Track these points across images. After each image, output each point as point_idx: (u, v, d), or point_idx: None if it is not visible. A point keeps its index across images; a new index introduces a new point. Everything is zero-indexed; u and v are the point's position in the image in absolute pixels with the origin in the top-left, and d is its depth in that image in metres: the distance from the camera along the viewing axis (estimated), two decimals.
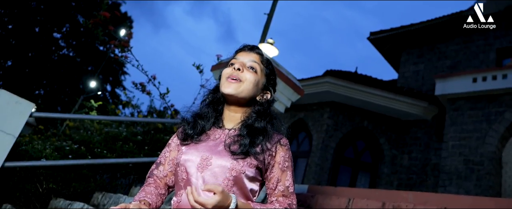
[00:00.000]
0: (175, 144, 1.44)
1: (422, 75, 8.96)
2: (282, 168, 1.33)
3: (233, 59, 1.41)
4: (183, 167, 1.31)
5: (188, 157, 1.31)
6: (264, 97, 1.42)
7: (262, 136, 1.32)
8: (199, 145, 1.35)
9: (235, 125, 1.38)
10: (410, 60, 9.33)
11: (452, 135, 7.37)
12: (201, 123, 1.38)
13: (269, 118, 1.37)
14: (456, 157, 7.24)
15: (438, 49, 8.89)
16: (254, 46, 1.44)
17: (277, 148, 1.34)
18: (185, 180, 1.29)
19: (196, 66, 6.10)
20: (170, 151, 1.44)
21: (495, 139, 6.79)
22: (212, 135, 1.37)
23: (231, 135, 1.35)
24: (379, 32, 9.46)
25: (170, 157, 1.42)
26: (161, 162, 1.45)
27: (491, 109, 6.91)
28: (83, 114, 6.39)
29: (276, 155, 1.33)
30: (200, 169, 1.28)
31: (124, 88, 20.08)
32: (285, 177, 1.33)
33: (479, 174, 6.82)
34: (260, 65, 1.40)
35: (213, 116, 1.40)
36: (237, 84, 1.33)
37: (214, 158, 1.29)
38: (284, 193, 1.31)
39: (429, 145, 8.37)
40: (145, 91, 6.25)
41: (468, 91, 7.15)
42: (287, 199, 1.32)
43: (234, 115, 1.40)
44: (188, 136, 1.37)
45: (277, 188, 1.32)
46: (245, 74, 1.35)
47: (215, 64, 5.23)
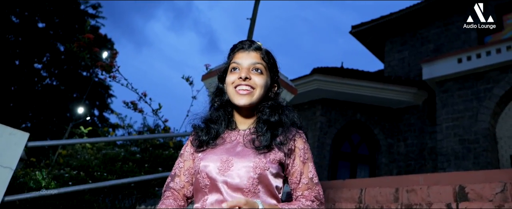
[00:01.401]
0: (189, 153, 1.41)
1: (408, 62, 9.08)
2: (303, 160, 1.32)
3: (232, 62, 1.37)
4: (203, 173, 1.28)
5: (207, 162, 1.29)
6: (273, 91, 1.41)
7: (281, 128, 1.32)
8: (216, 149, 1.33)
9: (249, 125, 1.37)
10: (394, 49, 9.45)
11: (444, 117, 7.46)
12: (215, 128, 1.36)
13: (281, 110, 1.36)
14: (451, 138, 7.33)
15: (420, 35, 9.03)
16: (251, 43, 1.39)
17: (296, 141, 1.33)
18: (209, 185, 1.27)
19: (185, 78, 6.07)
20: (184, 161, 1.41)
21: (487, 115, 6.90)
22: (228, 138, 1.35)
23: (248, 134, 1.34)
24: (361, 25, 9.57)
25: (185, 167, 1.40)
26: (176, 173, 1.41)
27: (479, 87, 7.02)
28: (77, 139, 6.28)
29: (296, 148, 1.33)
30: (222, 172, 1.26)
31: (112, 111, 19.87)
32: (308, 169, 1.32)
33: (476, 152, 6.91)
34: (263, 63, 1.37)
35: (225, 119, 1.38)
36: (249, 95, 1.31)
37: (235, 160, 1.27)
38: (308, 185, 1.30)
39: (423, 130, 8.45)
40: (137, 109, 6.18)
41: (455, 72, 7.26)
42: (312, 191, 1.31)
43: (246, 116, 1.38)
44: (203, 142, 1.34)
45: (301, 181, 1.30)
46: (254, 80, 1.33)
47: (205, 73, 5.22)
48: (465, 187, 2.04)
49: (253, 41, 1.42)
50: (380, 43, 9.96)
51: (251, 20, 6.59)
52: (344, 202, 2.35)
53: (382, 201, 2.39)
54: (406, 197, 2.29)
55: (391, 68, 9.40)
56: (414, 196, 2.26)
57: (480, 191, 1.97)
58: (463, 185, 2.06)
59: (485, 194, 1.94)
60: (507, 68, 6.72)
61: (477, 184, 2.01)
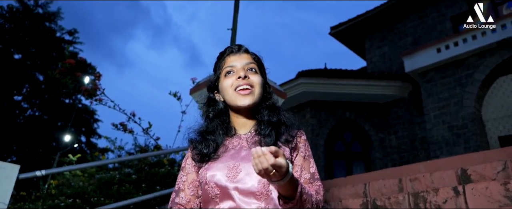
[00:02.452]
0: (190, 165, 1.38)
1: (389, 56, 9.24)
2: (304, 157, 1.32)
3: (226, 67, 1.37)
4: (212, 183, 1.26)
5: (214, 172, 1.27)
6: (267, 93, 1.41)
7: (284, 126, 1.32)
8: (221, 157, 1.31)
9: (249, 128, 1.36)
10: (374, 45, 9.61)
11: (431, 106, 7.60)
12: (212, 138, 1.34)
13: (278, 110, 1.37)
14: (440, 126, 7.45)
15: (397, 29, 9.21)
16: (241, 46, 1.41)
17: (298, 138, 1.34)
18: (220, 194, 1.25)
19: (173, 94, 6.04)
20: (187, 175, 1.38)
21: (471, 100, 7.05)
22: (230, 144, 1.34)
23: (251, 137, 1.33)
24: (339, 26, 9.71)
25: (189, 181, 1.37)
26: (180, 188, 1.39)
27: (460, 74, 7.19)
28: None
29: (298, 146, 1.33)
30: (231, 179, 1.25)
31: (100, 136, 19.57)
32: (309, 165, 1.32)
33: (465, 137, 7.04)
34: (255, 64, 1.38)
35: (222, 128, 1.37)
36: (251, 94, 1.31)
37: (242, 165, 1.26)
38: (310, 180, 1.29)
39: (412, 121, 8.58)
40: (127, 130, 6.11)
41: (435, 62, 7.42)
42: (313, 186, 1.30)
43: (244, 121, 1.37)
44: (205, 155, 1.32)
45: (303, 176, 1.29)
46: (253, 79, 1.33)
47: (193, 87, 5.20)
48: (466, 170, 2.08)
49: (240, 44, 1.43)
50: (360, 41, 10.12)
51: (232, 30, 6.62)
52: (350, 198, 2.37)
53: (387, 193, 2.41)
54: (410, 186, 2.32)
55: (373, 65, 9.55)
56: (418, 184, 2.29)
57: (482, 171, 2.01)
58: (465, 168, 2.09)
59: (487, 174, 1.98)
60: (484, 53, 6.91)
61: (478, 165, 2.05)
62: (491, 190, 1.65)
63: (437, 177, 2.20)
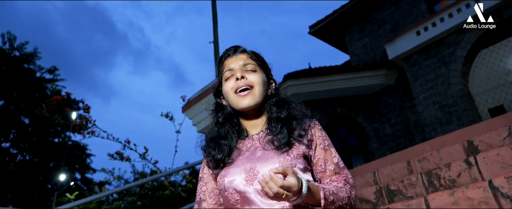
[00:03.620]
0: (208, 174, 1.37)
1: (370, 47, 9.35)
2: (324, 148, 1.30)
3: (225, 72, 1.37)
4: (231, 189, 1.24)
5: (232, 177, 1.25)
6: (272, 88, 1.40)
7: (295, 121, 1.31)
8: (236, 161, 1.30)
9: (261, 127, 1.35)
10: (354, 38, 9.72)
11: (419, 89, 7.69)
12: (226, 143, 1.33)
13: (287, 104, 1.36)
14: (431, 107, 7.54)
15: (374, 19, 9.35)
16: (236, 47, 1.41)
17: (312, 130, 1.32)
18: (241, 199, 1.23)
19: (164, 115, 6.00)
20: (206, 184, 1.37)
21: (457, 77, 7.16)
22: (243, 147, 1.32)
23: (263, 136, 1.32)
24: (317, 24, 9.81)
25: (209, 190, 1.35)
26: (202, 198, 1.37)
27: (443, 53, 7.31)
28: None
29: (314, 137, 1.31)
30: (249, 182, 1.23)
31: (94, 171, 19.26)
32: (331, 155, 1.30)
33: (457, 114, 7.13)
34: (253, 62, 1.37)
35: (234, 131, 1.35)
36: (251, 94, 1.30)
37: (258, 166, 1.24)
38: (335, 170, 1.28)
39: (403, 107, 8.66)
40: (123, 158, 6.04)
41: (417, 45, 7.53)
42: (340, 175, 1.28)
43: (254, 121, 1.36)
44: (220, 161, 1.30)
45: (327, 168, 1.28)
46: (251, 78, 1.32)
47: (185, 105, 5.18)
48: (473, 141, 2.10)
49: (237, 46, 1.43)
50: (340, 36, 10.23)
51: (214, 43, 6.64)
52: (362, 188, 2.36)
53: (397, 177, 2.41)
54: (419, 167, 2.33)
55: (356, 57, 9.65)
56: (427, 163, 2.30)
57: (488, 140, 2.03)
58: (470, 140, 2.11)
59: (494, 142, 2.00)
60: (462, 29, 7.04)
61: (483, 134, 2.07)
62: (502, 156, 1.66)
63: (445, 153, 2.21)
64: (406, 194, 2.02)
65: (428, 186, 1.94)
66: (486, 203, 1.38)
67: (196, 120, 4.86)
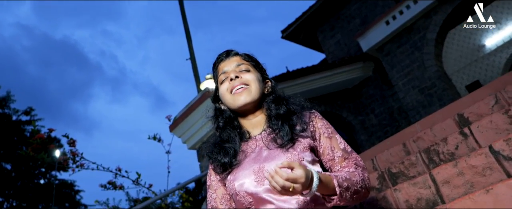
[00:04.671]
0: (216, 180, 1.37)
1: (344, 42, 9.52)
2: (328, 136, 1.31)
3: (219, 75, 1.39)
4: (242, 193, 1.23)
5: (241, 180, 1.25)
6: (268, 87, 1.42)
7: (294, 116, 1.32)
8: (242, 164, 1.29)
9: (262, 127, 1.36)
10: (327, 36, 9.89)
11: (397, 76, 7.86)
12: (230, 146, 1.33)
13: (285, 100, 1.37)
14: (411, 91, 7.71)
15: (343, 15, 9.54)
16: (229, 52, 1.43)
17: (313, 121, 1.34)
18: (254, 201, 1.22)
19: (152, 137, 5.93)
20: (215, 191, 1.36)
21: (431, 60, 7.37)
22: (248, 149, 1.32)
23: (266, 135, 1.32)
24: (288, 27, 9.94)
25: (219, 196, 1.34)
26: (213, 206, 1.36)
27: (414, 38, 7.51)
28: None
29: (316, 128, 1.32)
30: (260, 183, 1.23)
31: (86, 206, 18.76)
32: (337, 142, 1.32)
33: (437, 95, 7.32)
34: (247, 63, 1.39)
35: (236, 134, 1.36)
36: (246, 90, 1.31)
37: (266, 165, 1.24)
38: (344, 156, 1.29)
39: (384, 96, 8.82)
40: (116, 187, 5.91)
41: (388, 34, 7.72)
42: (350, 160, 1.29)
43: (254, 120, 1.37)
44: (226, 164, 1.30)
45: (335, 155, 1.28)
46: (245, 76, 1.34)
47: (171, 124, 5.13)
48: (462, 114, 2.16)
49: (229, 50, 1.45)
50: (313, 36, 10.39)
51: (191, 60, 6.64)
52: None
53: (396, 160, 2.45)
54: (415, 147, 2.38)
55: (332, 54, 9.80)
56: (423, 142, 2.35)
57: (477, 110, 2.10)
58: (460, 113, 2.18)
59: (483, 111, 2.06)
60: (429, 13, 7.27)
61: (471, 106, 2.13)
62: (495, 122, 1.72)
63: (438, 129, 2.27)
64: (408, 175, 2.06)
65: (429, 163, 1.98)
66: (490, 168, 1.42)
67: (185, 137, 4.82)
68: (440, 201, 1.59)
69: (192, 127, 4.58)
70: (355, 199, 1.19)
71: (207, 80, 5.17)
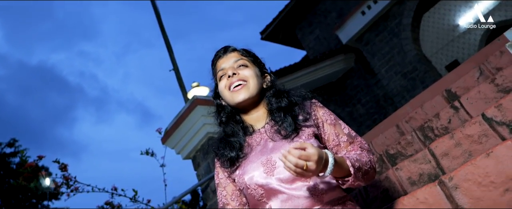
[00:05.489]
0: (224, 178, 1.38)
1: (323, 37, 9.63)
2: (331, 123, 1.34)
3: (217, 72, 1.40)
4: (253, 185, 1.25)
5: (250, 174, 1.26)
6: (268, 81, 1.43)
7: (296, 107, 1.34)
8: (249, 157, 1.31)
9: (264, 120, 1.37)
10: (305, 33, 9.99)
11: (379, 64, 7.99)
12: (236, 140, 1.34)
13: (286, 92, 1.39)
14: (394, 77, 7.85)
15: (319, 10, 9.65)
16: (227, 48, 1.44)
17: (315, 109, 1.36)
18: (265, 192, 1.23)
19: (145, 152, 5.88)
20: (224, 188, 1.37)
21: (410, 44, 7.52)
22: (253, 142, 1.34)
23: (270, 128, 1.34)
24: (266, 28, 10.01)
25: (230, 193, 1.35)
26: (224, 203, 1.36)
27: (391, 25, 7.66)
28: None
29: (318, 116, 1.34)
30: (269, 173, 1.24)
31: None
32: (340, 127, 1.34)
33: (419, 78, 7.46)
34: (245, 58, 1.41)
35: (239, 128, 1.37)
36: (244, 87, 1.33)
37: (274, 156, 1.25)
38: (349, 140, 1.31)
39: (369, 84, 8.95)
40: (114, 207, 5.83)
41: (365, 24, 7.85)
42: (355, 144, 1.31)
43: (256, 115, 1.38)
44: (233, 158, 1.32)
45: (340, 140, 1.30)
46: (243, 73, 1.35)
47: (163, 136, 5.09)
48: (450, 89, 2.22)
49: (227, 46, 1.46)
50: (292, 35, 10.47)
51: (174, 70, 6.62)
52: None
53: (391, 142, 2.50)
54: (409, 127, 2.43)
55: (312, 50, 9.89)
56: (415, 122, 2.40)
57: (463, 84, 2.16)
58: (448, 88, 2.24)
59: (470, 84, 2.13)
60: None
61: (457, 81, 2.20)
62: (484, 92, 1.78)
63: (428, 107, 2.32)
64: (406, 154, 2.10)
65: (425, 140, 2.03)
66: (486, 136, 1.47)
67: (179, 147, 4.79)
68: (442, 173, 1.63)
69: (185, 136, 4.55)
70: (366, 179, 1.22)
71: (194, 88, 5.16)
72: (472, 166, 1.18)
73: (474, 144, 1.50)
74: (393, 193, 1.78)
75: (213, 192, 4.49)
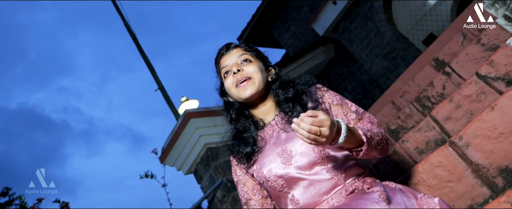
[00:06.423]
0: (243, 174, 1.39)
1: (299, 33, 9.72)
2: (338, 103, 1.35)
3: (222, 69, 1.41)
4: (273, 177, 1.26)
5: (268, 166, 1.28)
6: (272, 74, 1.45)
7: (304, 96, 1.35)
8: (264, 151, 1.33)
9: (274, 113, 1.39)
10: (281, 31, 10.08)
11: (358, 50, 8.12)
12: (248, 135, 1.36)
13: (291, 83, 1.40)
14: (375, 59, 7.98)
15: (290, 7, 9.74)
16: (229, 45, 1.45)
17: (321, 95, 1.37)
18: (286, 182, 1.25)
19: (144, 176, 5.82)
20: (244, 184, 1.38)
21: (385, 26, 7.66)
22: (266, 135, 1.35)
23: (280, 120, 1.35)
24: (242, 33, 10.06)
25: (251, 187, 1.37)
26: (247, 198, 1.38)
27: (363, 10, 7.80)
28: None
29: (325, 99, 1.36)
30: (287, 163, 1.25)
31: None
32: (348, 106, 1.35)
33: (400, 56, 7.60)
34: (248, 54, 1.41)
35: (250, 123, 1.39)
36: (250, 83, 1.33)
37: (288, 146, 1.27)
38: (358, 117, 1.32)
39: (352, 71, 9.06)
40: None
41: (338, 13, 7.97)
42: (364, 120, 1.33)
43: (264, 108, 1.40)
44: (249, 153, 1.33)
45: (349, 118, 1.31)
46: (247, 69, 1.36)
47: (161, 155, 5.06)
48: (437, 57, 2.28)
49: (229, 43, 1.47)
50: (268, 35, 10.55)
51: (160, 89, 6.59)
52: None
53: (391, 119, 2.54)
54: (404, 100, 2.48)
55: (291, 47, 9.98)
56: (410, 95, 2.45)
57: (449, 51, 2.22)
58: (435, 57, 2.29)
59: (455, 49, 2.19)
60: None
61: (443, 48, 2.25)
62: (472, 54, 1.83)
63: (419, 79, 2.38)
64: (407, 126, 2.14)
65: (423, 110, 2.08)
66: (483, 93, 1.51)
67: (179, 164, 4.76)
68: (447, 137, 1.67)
69: (183, 152, 4.53)
70: (380, 150, 1.24)
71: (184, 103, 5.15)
72: (479, 121, 1.22)
73: (473, 103, 1.54)
74: (404, 165, 1.82)
75: (220, 202, 4.48)
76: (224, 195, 4.33)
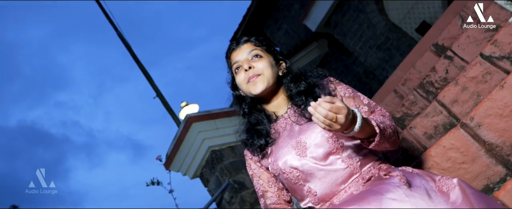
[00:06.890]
0: (257, 167, 1.41)
1: (291, 30, 9.73)
2: (350, 96, 1.35)
3: (233, 65, 1.41)
4: (288, 169, 1.27)
5: (283, 158, 1.29)
6: (283, 68, 1.44)
7: (316, 88, 1.35)
8: (278, 143, 1.34)
9: (286, 106, 1.40)
10: (273, 30, 10.08)
11: (352, 43, 8.13)
12: (262, 127, 1.37)
13: (303, 76, 1.40)
14: (370, 51, 7.99)
15: (281, 5, 9.74)
16: (238, 40, 1.45)
17: (333, 87, 1.37)
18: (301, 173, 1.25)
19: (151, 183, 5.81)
20: (259, 177, 1.40)
21: (377, 17, 7.67)
22: (279, 128, 1.37)
23: (293, 113, 1.36)
24: (235, 35, 10.04)
25: (266, 180, 1.39)
26: (263, 191, 1.39)
27: (354, 2, 7.81)
28: None
29: (337, 92, 1.36)
30: (302, 155, 1.26)
31: None
32: (360, 99, 1.36)
33: (394, 46, 7.61)
34: (258, 49, 1.41)
35: (263, 116, 1.40)
36: (261, 78, 1.33)
37: (302, 138, 1.28)
38: (370, 110, 1.33)
39: (347, 65, 9.07)
40: None
41: (329, 8, 7.97)
42: (376, 113, 1.33)
43: (276, 102, 1.40)
44: (263, 145, 1.35)
45: (361, 110, 1.31)
46: (258, 65, 1.36)
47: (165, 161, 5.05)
48: (437, 43, 2.29)
49: (239, 37, 1.47)
50: (261, 35, 10.54)
51: (158, 96, 6.58)
52: None
53: (395, 108, 2.54)
54: (406, 88, 2.48)
55: (284, 45, 9.98)
56: (412, 82, 2.45)
57: (448, 35, 2.22)
58: (434, 42, 2.30)
59: (455, 33, 2.19)
60: None
61: (442, 33, 2.26)
62: (473, 36, 1.84)
63: (420, 65, 2.38)
64: (413, 114, 2.15)
65: (427, 95, 2.08)
66: (489, 73, 1.52)
67: (184, 168, 4.76)
68: (455, 120, 1.67)
69: (188, 156, 4.53)
70: (392, 142, 1.24)
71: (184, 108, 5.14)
72: (490, 101, 1.22)
73: (480, 84, 1.55)
74: (413, 152, 1.82)
75: (228, 203, 4.48)
76: (232, 196, 4.33)
